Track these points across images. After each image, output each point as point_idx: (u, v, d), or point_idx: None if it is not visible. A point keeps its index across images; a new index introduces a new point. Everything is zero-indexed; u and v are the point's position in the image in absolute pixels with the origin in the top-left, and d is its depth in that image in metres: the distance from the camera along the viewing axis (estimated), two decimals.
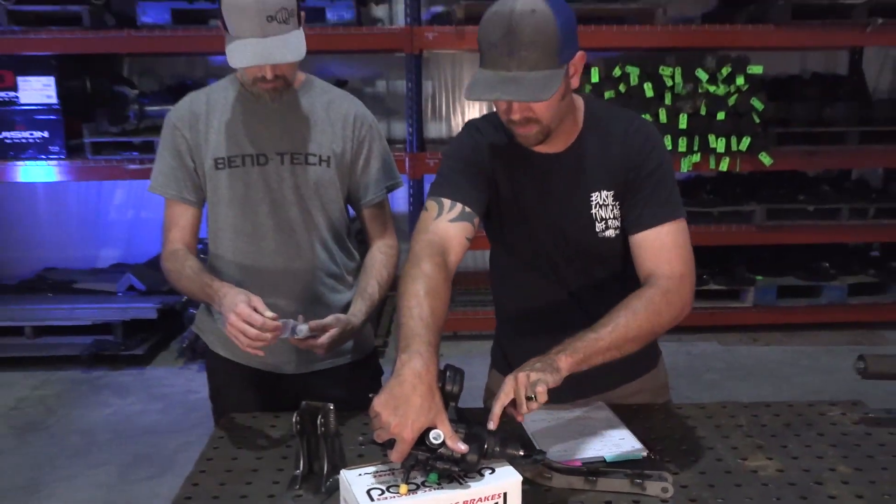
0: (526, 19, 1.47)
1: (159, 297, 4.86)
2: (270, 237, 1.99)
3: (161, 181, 1.98)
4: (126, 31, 4.43)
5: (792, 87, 5.24)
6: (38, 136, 4.62)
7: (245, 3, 1.74)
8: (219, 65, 5.42)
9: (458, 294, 5.14)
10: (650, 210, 1.67)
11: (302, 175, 1.97)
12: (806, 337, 5.07)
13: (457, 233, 1.67)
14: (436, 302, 1.52)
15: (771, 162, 4.64)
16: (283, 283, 2.00)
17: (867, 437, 1.74)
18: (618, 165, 1.71)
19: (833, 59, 5.82)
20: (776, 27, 4.58)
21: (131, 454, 3.66)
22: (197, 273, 1.89)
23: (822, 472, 1.59)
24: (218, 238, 2.02)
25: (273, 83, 1.84)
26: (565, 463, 1.57)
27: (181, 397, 4.28)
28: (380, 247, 2.08)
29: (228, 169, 1.95)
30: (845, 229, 5.00)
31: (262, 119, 1.96)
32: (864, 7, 4.61)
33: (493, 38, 1.50)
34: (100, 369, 4.63)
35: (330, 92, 2.05)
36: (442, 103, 5.67)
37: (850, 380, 4.49)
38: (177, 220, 1.99)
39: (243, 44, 1.77)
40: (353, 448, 1.68)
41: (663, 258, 1.65)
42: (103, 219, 5.66)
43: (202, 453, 1.73)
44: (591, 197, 1.73)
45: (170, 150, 1.98)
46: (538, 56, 1.49)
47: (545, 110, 1.58)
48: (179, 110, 1.99)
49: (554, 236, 1.78)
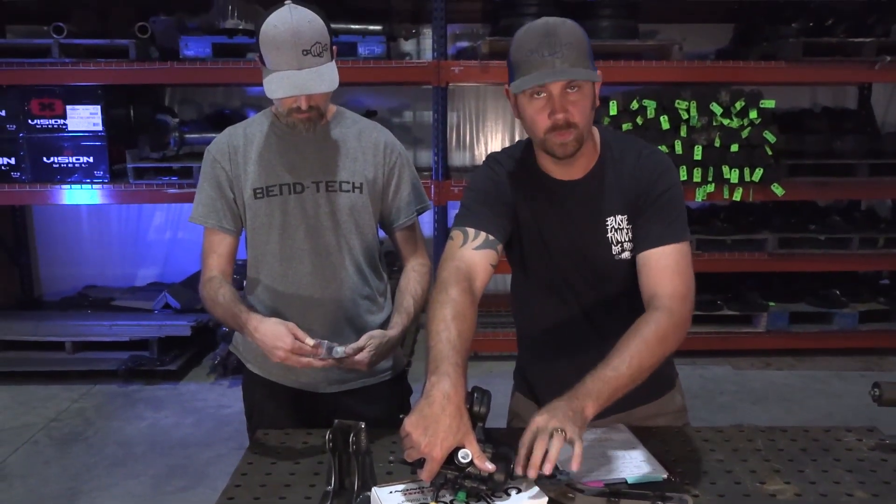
0: (562, 25, 1.63)
1: (193, 315, 5.00)
2: (308, 261, 2.05)
3: (201, 211, 2.04)
4: (170, 64, 4.62)
5: (803, 121, 5.38)
6: (85, 161, 4.80)
7: (282, 38, 1.82)
8: (255, 95, 5.62)
9: (480, 315, 4.98)
10: (656, 230, 1.74)
11: (337, 202, 2.04)
12: (817, 362, 5.12)
13: (481, 260, 1.74)
14: (463, 325, 1.58)
15: (783, 192, 4.76)
16: (318, 305, 2.07)
17: (883, 464, 1.75)
18: (630, 190, 1.78)
19: (842, 93, 5.95)
20: (788, 64, 4.71)
21: (165, 466, 3.75)
22: (228, 301, 1.95)
23: (840, 497, 1.59)
24: (258, 263, 2.08)
25: (307, 113, 1.92)
26: (588, 484, 1.59)
27: (213, 411, 4.39)
28: (413, 266, 2.15)
29: (267, 198, 2.02)
30: (855, 258, 5.09)
31: (298, 149, 2.03)
32: (873, 45, 4.75)
33: (531, 45, 1.62)
34: (136, 384, 4.76)
35: (360, 122, 2.13)
36: (466, 133, 5.83)
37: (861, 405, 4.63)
38: (215, 247, 2.05)
39: (280, 76, 1.84)
40: (383, 465, 1.71)
41: (666, 278, 1.71)
42: (142, 239, 5.83)
43: (237, 468, 1.77)
44: (606, 221, 1.79)
45: (210, 182, 2.04)
46: (576, 55, 1.61)
47: (582, 114, 1.66)
48: (219, 144, 2.06)
49: (573, 260, 1.84)
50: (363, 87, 5.59)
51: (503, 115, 5.85)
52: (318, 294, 2.07)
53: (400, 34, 4.91)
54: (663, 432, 1.91)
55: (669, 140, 4.62)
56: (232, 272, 2.08)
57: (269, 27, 1.84)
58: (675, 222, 1.75)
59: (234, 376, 4.83)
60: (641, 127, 4.65)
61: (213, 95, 5.67)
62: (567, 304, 1.90)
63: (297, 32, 1.82)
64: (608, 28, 4.85)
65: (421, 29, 5.21)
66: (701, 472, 1.71)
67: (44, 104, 4.77)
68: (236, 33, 4.66)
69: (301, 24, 1.83)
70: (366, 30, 4.72)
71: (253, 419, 2.19)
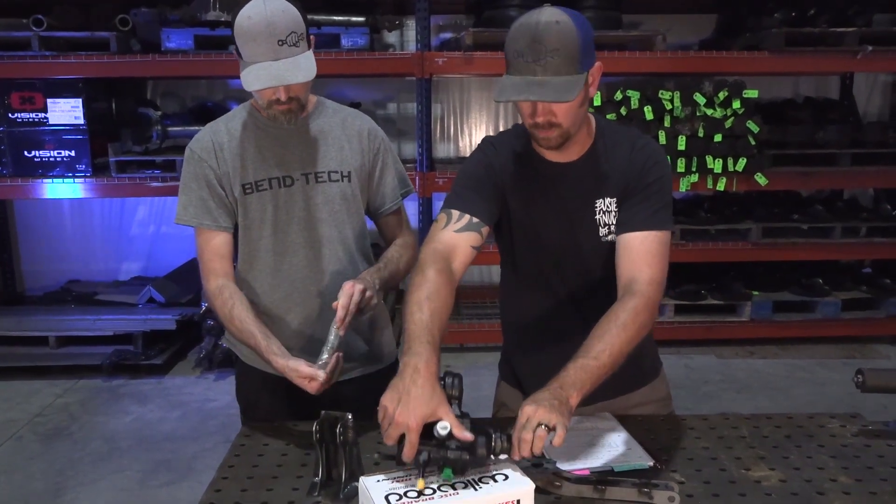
0: (551, 29, 1.59)
1: (178, 309, 5.01)
2: (302, 254, 2.04)
3: (192, 212, 1.99)
4: (152, 56, 4.58)
5: (786, 111, 5.41)
6: (66, 155, 4.78)
7: (256, 30, 1.79)
8: (237, 88, 5.59)
9: (465, 307, 5.27)
10: (641, 215, 1.77)
11: (328, 192, 2.03)
12: (801, 350, 5.18)
13: (462, 241, 1.78)
14: (436, 304, 1.61)
15: (766, 182, 4.79)
16: (313, 297, 2.06)
17: (866, 449, 1.77)
18: (621, 174, 1.81)
19: (824, 84, 5.99)
20: (771, 54, 4.74)
21: (151, 460, 3.75)
22: (244, 322, 1.92)
23: (824, 482, 1.62)
24: (251, 258, 2.06)
25: (288, 105, 1.89)
26: (574, 472, 1.60)
27: (198, 405, 4.39)
28: (400, 240, 2.16)
29: (257, 193, 2.00)
30: (838, 247, 5.15)
31: (283, 142, 2.01)
32: (855, 35, 4.78)
33: (519, 46, 1.61)
34: (120, 378, 4.74)
35: (342, 111, 2.12)
36: (450, 125, 5.83)
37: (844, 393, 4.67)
38: (217, 249, 2.00)
39: (256, 68, 1.81)
40: (370, 457, 1.72)
41: (646, 263, 1.73)
42: (125, 234, 5.80)
43: (224, 460, 1.77)
44: (596, 203, 1.83)
45: (198, 182, 1.99)
46: (561, 62, 1.60)
47: (566, 114, 1.68)
48: (202, 142, 2.01)
49: (561, 240, 1.87)
50: (346, 79, 5.57)
51: (487, 106, 5.85)
52: (312, 286, 2.06)
53: (383, 25, 4.89)
54: (648, 420, 1.93)
55: (653, 130, 4.64)
56: (233, 272, 2.05)
57: (243, 19, 1.81)
58: (660, 210, 1.78)
59: (220, 370, 4.83)
60: (626, 117, 4.66)
61: (196, 88, 5.64)
62: (554, 290, 1.93)
63: (272, 23, 1.80)
64: (592, 19, 4.84)
65: (404, 20, 5.18)
66: (686, 459, 1.73)
67: (24, 98, 4.74)
68: (218, 25, 4.63)
69: (275, 14, 1.80)
70: (349, 21, 4.69)
71: (249, 413, 2.17)
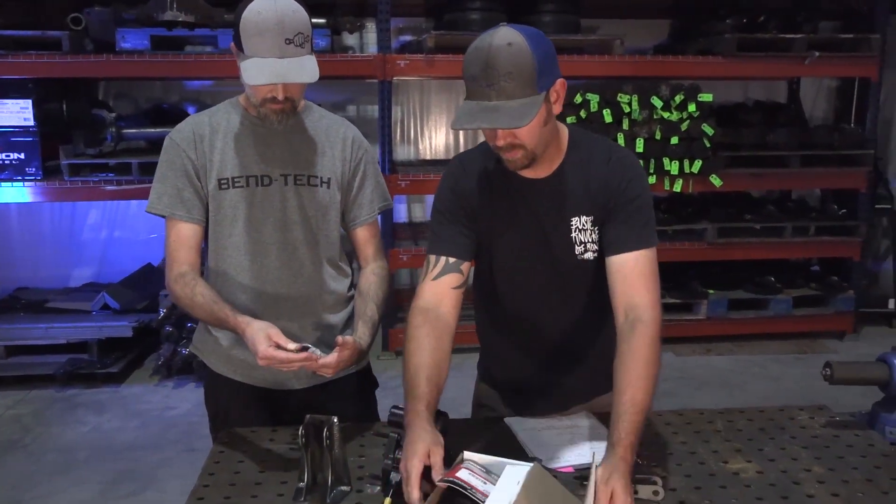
0: (502, 52, 1.55)
1: (134, 316, 4.88)
2: (274, 256, 2.00)
3: (167, 202, 1.96)
4: (106, 57, 4.47)
5: (737, 114, 5.56)
6: (15, 157, 4.61)
7: (265, 25, 1.78)
8: (194, 89, 5.51)
9: None
10: (628, 235, 1.75)
11: (306, 196, 2.00)
12: (755, 347, 5.32)
13: (443, 287, 1.80)
14: (432, 371, 1.67)
15: (721, 183, 4.93)
16: (285, 300, 2.03)
17: (836, 440, 1.84)
18: (598, 191, 1.78)
19: (772, 88, 6.17)
20: (724, 59, 4.87)
21: (111, 471, 3.66)
22: (210, 302, 1.89)
23: (798, 472, 1.67)
24: (220, 256, 2.02)
25: (282, 105, 1.87)
26: (559, 469, 1.64)
27: (158, 414, 4.30)
28: (374, 269, 2.11)
29: (233, 189, 1.97)
30: (789, 246, 5.31)
31: (266, 142, 1.98)
32: (803, 42, 4.95)
33: (473, 71, 1.59)
34: (75, 388, 4.61)
35: (327, 116, 2.10)
36: (410, 128, 5.82)
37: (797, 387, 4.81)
38: (186, 240, 1.97)
39: (260, 63, 1.79)
40: (354, 460, 1.73)
41: (642, 286, 1.72)
42: (76, 239, 5.63)
43: (204, 468, 1.74)
44: (571, 221, 1.81)
45: (175, 172, 1.96)
46: (515, 86, 1.56)
47: (528, 135, 1.65)
48: (182, 132, 1.98)
49: (535, 258, 1.85)
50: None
51: (447, 108, 5.86)
52: (284, 289, 2.03)
53: (344, 27, 4.87)
54: None
55: (612, 133, 4.72)
56: (199, 264, 2.02)
57: (253, 13, 1.79)
58: (645, 228, 1.77)
59: (180, 377, 4.74)
60: (585, 120, 4.73)
61: (151, 90, 5.52)
62: (529, 299, 1.92)
63: (282, 21, 1.78)
64: (551, 23, 4.91)
65: (364, 22, 5.16)
66: (666, 454, 1.76)
67: None
68: (176, 25, 4.55)
69: (286, 13, 1.79)
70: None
71: (218, 420, 2.13)
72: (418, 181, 4.83)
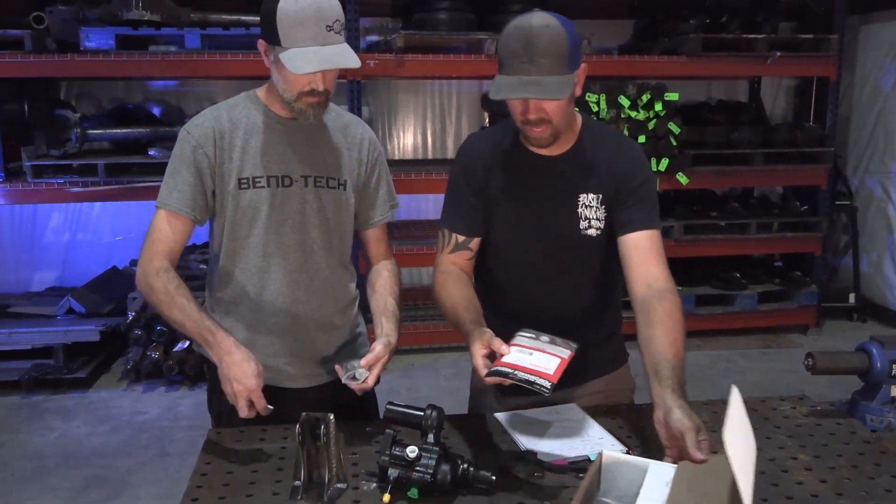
0: (543, 32, 1.69)
1: (101, 320, 4.79)
2: (293, 257, 1.98)
3: (177, 198, 1.89)
4: (70, 56, 4.39)
5: (701, 113, 5.65)
6: None
7: (306, 14, 1.75)
8: (158, 89, 5.44)
9: None
10: (640, 216, 1.88)
11: (325, 198, 1.98)
12: (722, 342, 5.41)
13: (458, 259, 1.99)
14: (469, 303, 1.89)
15: (687, 181, 5.01)
16: (297, 303, 2.01)
17: (818, 428, 1.88)
18: (607, 174, 1.90)
19: (734, 87, 6.30)
20: (689, 58, 4.96)
21: (82, 477, 3.61)
22: (193, 309, 1.84)
23: (786, 461, 1.71)
24: (235, 255, 1.98)
25: (319, 97, 1.84)
26: (553, 463, 1.67)
27: (128, 419, 4.24)
28: (386, 265, 2.13)
29: (253, 189, 1.92)
30: (753, 242, 5.42)
31: (288, 141, 1.94)
32: (765, 42, 5.07)
33: (514, 48, 1.71)
34: (41, 393, 4.53)
35: (344, 115, 2.07)
36: (378, 128, 5.81)
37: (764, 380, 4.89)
38: (177, 235, 1.91)
39: (303, 51, 1.75)
40: (349, 458, 1.72)
41: (656, 260, 1.86)
42: (38, 242, 5.52)
43: (196, 468, 1.72)
44: (578, 197, 1.91)
45: (189, 168, 1.90)
46: (553, 62, 1.70)
47: (557, 111, 1.78)
48: (202, 128, 1.91)
49: (539, 231, 1.94)
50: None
51: (414, 108, 5.86)
52: (300, 292, 2.00)
53: None
54: (613, 410, 1.98)
55: None
56: (177, 261, 1.95)
57: (290, 3, 1.75)
58: (653, 210, 1.91)
59: (149, 381, 4.68)
60: None
61: (113, 89, 5.42)
62: (526, 274, 1.99)
63: (321, 8, 1.76)
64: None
65: None
66: (655, 445, 1.75)
67: None
68: (141, 24, 4.48)
69: (323, 1, 1.77)
70: None
71: (222, 421, 2.05)
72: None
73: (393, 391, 4.26)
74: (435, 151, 5.91)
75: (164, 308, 1.87)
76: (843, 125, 5.99)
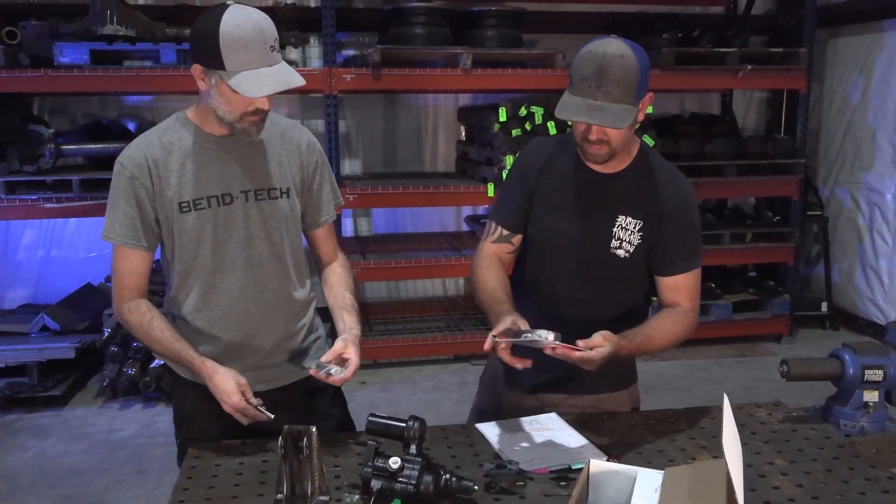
0: (616, 62, 1.76)
1: (76, 337, 4.72)
2: (240, 273, 1.99)
3: (119, 230, 1.93)
4: (44, 71, 4.34)
5: (675, 126, 5.72)
6: None
7: (249, 37, 1.75)
8: (132, 104, 5.39)
9: (375, 323, 5.27)
10: (679, 259, 2.00)
11: (267, 210, 2.00)
12: (698, 351, 5.45)
13: (499, 250, 2.13)
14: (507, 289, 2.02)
15: None
16: (252, 315, 2.02)
17: (794, 433, 1.93)
18: (650, 204, 1.98)
19: (707, 100, 6.37)
20: (662, 72, 5.01)
21: (58, 496, 3.57)
22: (170, 339, 1.93)
23: (762, 466, 1.75)
24: (186, 276, 1.99)
25: (263, 114, 1.87)
26: (535, 472, 1.70)
27: (104, 436, 4.19)
28: (340, 261, 2.21)
29: (195, 211, 1.93)
30: (727, 252, 5.47)
31: (222, 158, 1.95)
32: (736, 55, 5.14)
33: (585, 71, 1.79)
34: (14, 412, 4.46)
35: (280, 122, 2.08)
36: (353, 141, 5.79)
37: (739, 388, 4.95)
38: (134, 268, 1.96)
39: (255, 74, 1.76)
40: (331, 470, 1.74)
41: (685, 295, 2.01)
42: (10, 259, 5.41)
43: (177, 484, 1.72)
44: (617, 218, 1.99)
45: (127, 200, 1.91)
46: (620, 92, 1.77)
47: (617, 135, 1.86)
48: (134, 158, 1.92)
49: (572, 240, 2.02)
50: None
51: (386, 123, 5.86)
52: (250, 304, 2.02)
53: (288, 41, 4.84)
54: (594, 419, 2.03)
55: None
56: (147, 290, 2.02)
57: (231, 26, 1.75)
58: (694, 251, 2.04)
59: (125, 398, 4.62)
60: (530, 133, 4.80)
61: (87, 105, 5.36)
62: (555, 278, 2.07)
63: (262, 29, 1.77)
64: (494, 37, 4.97)
65: (307, 37, 5.14)
66: (636, 453, 1.83)
67: None
68: (116, 39, 4.45)
69: (263, 21, 1.78)
70: None
71: (183, 426, 2.13)
72: (366, 195, 4.83)
73: (373, 405, 4.25)
74: (412, 165, 5.92)
75: (144, 341, 2.00)
76: (813, 137, 6.09)
